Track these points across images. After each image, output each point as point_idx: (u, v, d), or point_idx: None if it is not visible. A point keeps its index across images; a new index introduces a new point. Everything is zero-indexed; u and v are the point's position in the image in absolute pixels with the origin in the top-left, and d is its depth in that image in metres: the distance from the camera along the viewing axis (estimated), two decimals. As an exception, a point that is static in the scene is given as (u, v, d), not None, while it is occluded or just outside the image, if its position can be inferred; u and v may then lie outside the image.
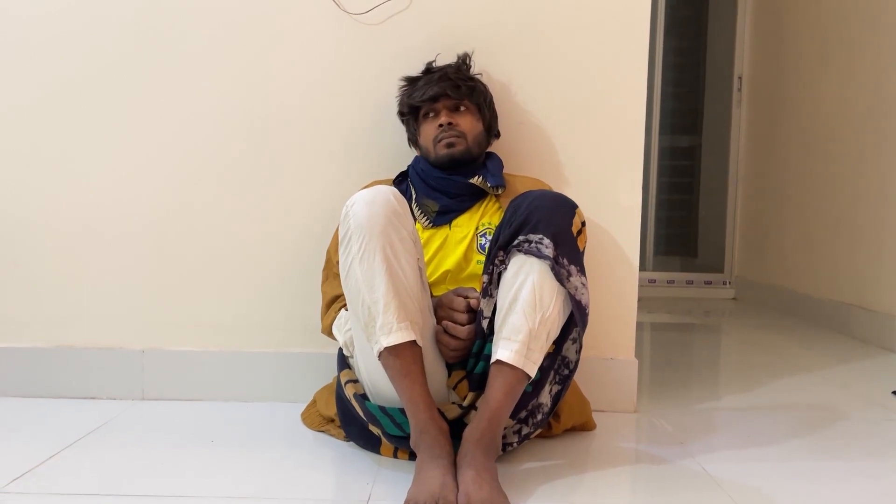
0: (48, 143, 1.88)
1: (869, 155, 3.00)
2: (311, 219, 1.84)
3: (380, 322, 1.33)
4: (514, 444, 1.47)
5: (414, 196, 1.68)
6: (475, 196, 1.67)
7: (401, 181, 1.72)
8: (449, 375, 1.47)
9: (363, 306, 1.35)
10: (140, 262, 1.89)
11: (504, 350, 1.34)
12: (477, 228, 1.64)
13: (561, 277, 1.36)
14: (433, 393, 1.40)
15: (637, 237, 1.86)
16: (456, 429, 1.41)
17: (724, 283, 4.28)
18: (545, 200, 1.39)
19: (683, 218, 4.71)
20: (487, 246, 1.59)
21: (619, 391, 1.86)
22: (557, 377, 1.47)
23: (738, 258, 4.27)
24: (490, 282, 1.42)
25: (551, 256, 1.35)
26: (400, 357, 1.34)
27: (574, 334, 1.45)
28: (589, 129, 1.85)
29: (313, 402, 1.73)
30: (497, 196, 1.68)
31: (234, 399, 1.88)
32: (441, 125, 1.66)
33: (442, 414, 1.40)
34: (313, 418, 1.69)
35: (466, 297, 1.47)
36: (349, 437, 1.56)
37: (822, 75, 3.42)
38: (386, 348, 1.33)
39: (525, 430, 1.47)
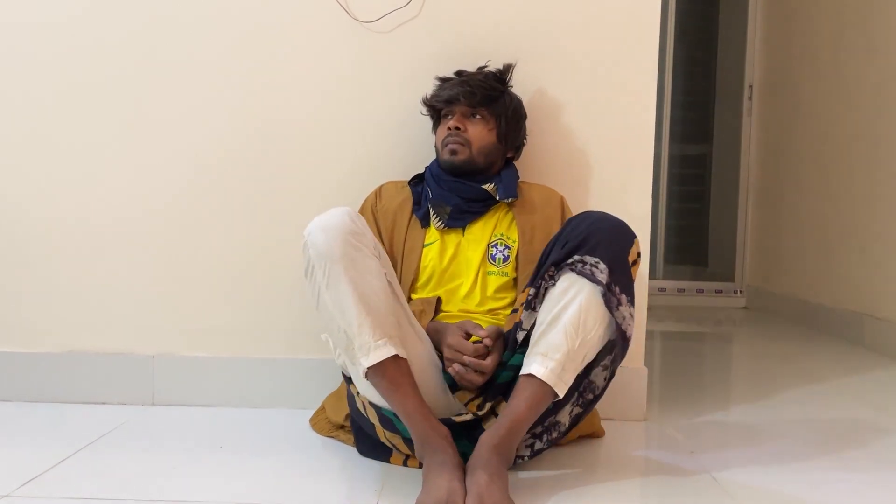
0: (56, 153, 1.89)
1: (882, 162, 2.98)
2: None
3: (357, 344, 1.34)
4: (526, 458, 1.47)
5: (430, 197, 1.68)
6: (487, 203, 1.67)
7: (417, 183, 1.73)
8: (454, 392, 1.46)
9: (339, 332, 1.36)
10: (151, 268, 1.90)
11: (538, 366, 1.34)
12: (489, 239, 1.64)
13: (611, 305, 1.35)
14: (430, 400, 1.41)
15: (647, 246, 1.85)
16: (465, 430, 1.41)
17: (735, 293, 4.26)
18: (606, 224, 1.38)
19: (694, 226, 4.69)
20: (503, 255, 1.60)
21: (628, 399, 1.85)
22: (581, 400, 1.45)
23: (750, 267, 4.25)
24: (536, 296, 1.40)
25: (604, 282, 1.34)
26: (385, 374, 1.34)
27: (606, 361, 1.43)
28: (599, 138, 1.85)
29: (322, 409, 1.73)
30: (510, 206, 1.67)
31: (243, 405, 1.88)
32: (450, 129, 1.64)
33: (450, 422, 1.40)
34: (322, 424, 1.69)
35: (472, 337, 1.44)
36: (363, 452, 1.55)
37: (833, 83, 3.41)
38: (369, 368, 1.34)
39: (538, 446, 1.46)
